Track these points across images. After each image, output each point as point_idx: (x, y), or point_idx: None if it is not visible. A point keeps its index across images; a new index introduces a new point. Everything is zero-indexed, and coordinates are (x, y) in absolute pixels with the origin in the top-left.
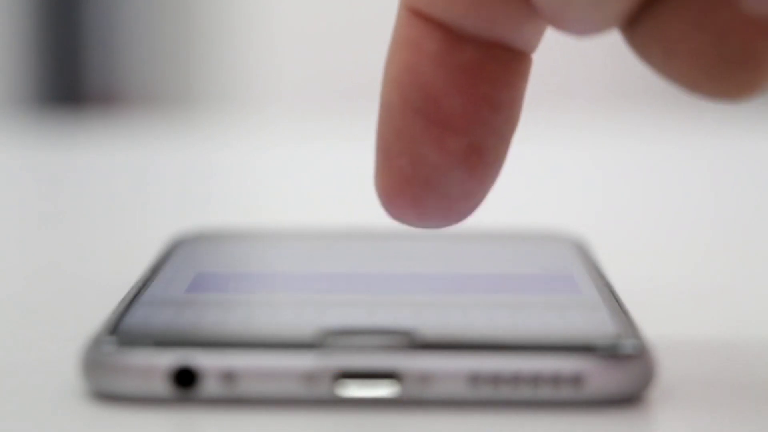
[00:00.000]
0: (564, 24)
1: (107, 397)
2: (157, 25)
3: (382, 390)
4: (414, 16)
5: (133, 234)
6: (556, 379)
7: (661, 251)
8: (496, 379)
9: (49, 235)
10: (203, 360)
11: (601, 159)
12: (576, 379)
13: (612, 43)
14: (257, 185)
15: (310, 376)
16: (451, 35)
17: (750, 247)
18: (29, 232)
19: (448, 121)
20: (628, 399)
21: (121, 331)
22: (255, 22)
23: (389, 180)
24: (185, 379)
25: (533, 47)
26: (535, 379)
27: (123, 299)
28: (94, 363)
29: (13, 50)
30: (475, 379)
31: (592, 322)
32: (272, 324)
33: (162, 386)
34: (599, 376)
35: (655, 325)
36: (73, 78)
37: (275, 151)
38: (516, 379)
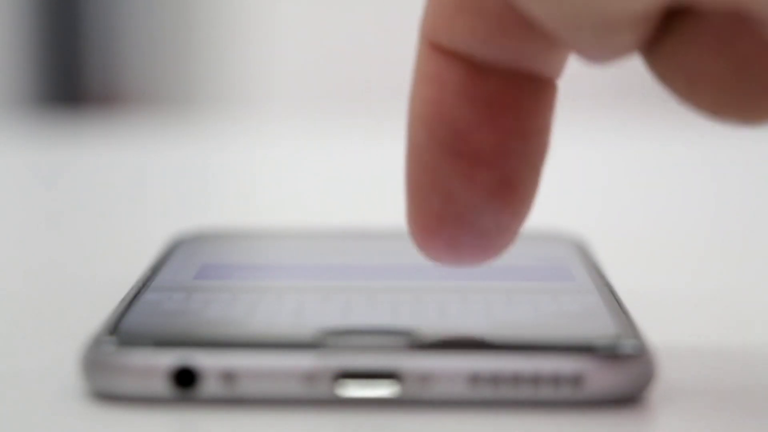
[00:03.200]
0: (581, 51)
1: (107, 397)
2: (157, 25)
3: (382, 390)
4: (434, 50)
5: (133, 234)
6: (556, 379)
7: (661, 251)
8: (496, 379)
9: (49, 235)
10: (203, 360)
11: (602, 159)
12: (576, 379)
13: None
14: (257, 185)
15: (310, 376)
16: (473, 67)
17: (751, 247)
18: (29, 232)
19: (478, 155)
20: (628, 399)
21: (121, 331)
22: (255, 22)
23: (422, 220)
24: (185, 379)
25: (558, 73)
26: (535, 379)
27: (123, 299)
28: (94, 363)
29: (13, 50)
30: (475, 379)
31: (592, 322)
32: (272, 324)
33: (162, 386)
34: (599, 376)
35: (655, 325)
36: (73, 78)
37: (275, 151)
38: (516, 379)
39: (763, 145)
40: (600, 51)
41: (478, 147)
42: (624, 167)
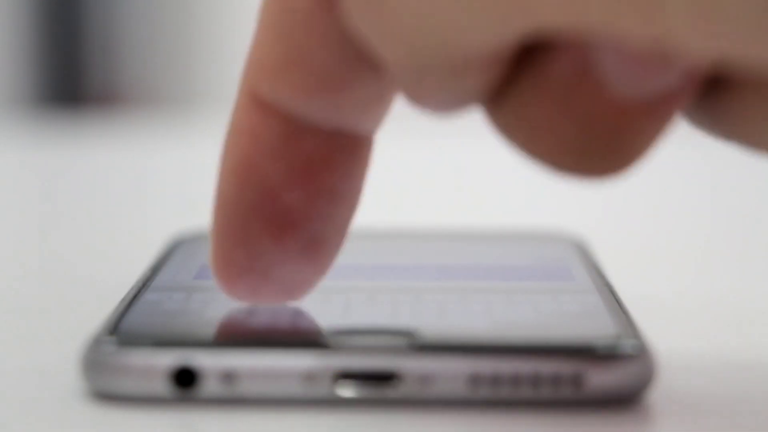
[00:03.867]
0: (419, 102)
1: (107, 397)
2: (157, 25)
3: (382, 390)
4: (254, 102)
5: (132, 234)
6: (556, 379)
7: (661, 252)
8: (496, 380)
9: (48, 235)
10: (203, 360)
11: None
12: (576, 379)
13: None
14: None
15: (310, 376)
16: (291, 125)
17: (751, 248)
18: (29, 232)
19: (286, 217)
20: (628, 399)
21: (121, 331)
22: (254, 22)
23: (224, 268)
24: (185, 379)
25: (376, 130)
26: (535, 380)
27: (123, 299)
28: (94, 363)
29: (13, 50)
30: (475, 379)
31: (591, 322)
32: (272, 324)
33: (162, 386)
34: (599, 376)
35: (655, 325)
36: (73, 78)
37: None
38: (516, 380)
39: None
40: (440, 99)
41: (287, 208)
42: None
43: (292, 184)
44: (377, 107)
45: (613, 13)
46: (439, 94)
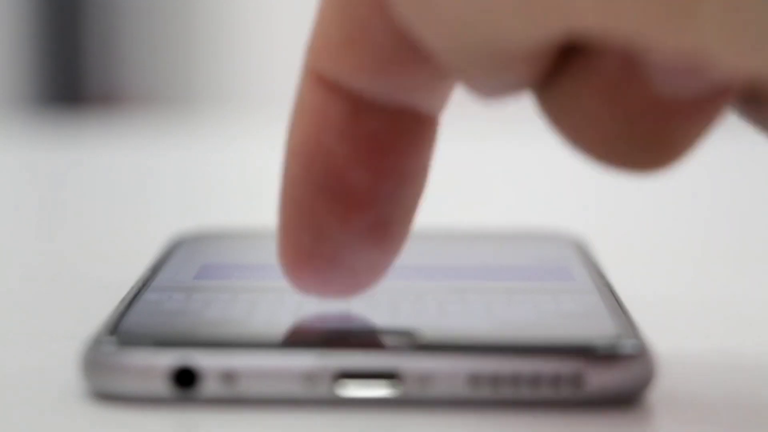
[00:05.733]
0: (472, 87)
1: (107, 397)
2: (157, 25)
3: (382, 390)
4: (318, 82)
5: (133, 234)
6: (556, 379)
7: (661, 252)
8: (496, 379)
9: (49, 235)
10: (203, 360)
11: None
12: (576, 379)
13: None
14: (257, 185)
15: (310, 376)
16: (356, 104)
17: (751, 248)
18: (29, 232)
19: (354, 197)
20: (628, 399)
21: (121, 331)
22: (255, 22)
23: (292, 254)
24: (185, 379)
25: (441, 110)
26: (535, 379)
27: (123, 299)
28: (94, 363)
29: (13, 50)
30: (475, 379)
31: (591, 322)
32: (272, 324)
33: (162, 386)
34: (599, 376)
35: (655, 325)
36: (73, 78)
37: (275, 150)
38: (516, 379)
39: (765, 146)
40: (491, 87)
41: (354, 188)
42: None
43: (358, 164)
44: (440, 88)
45: (645, 25)
46: (486, 83)
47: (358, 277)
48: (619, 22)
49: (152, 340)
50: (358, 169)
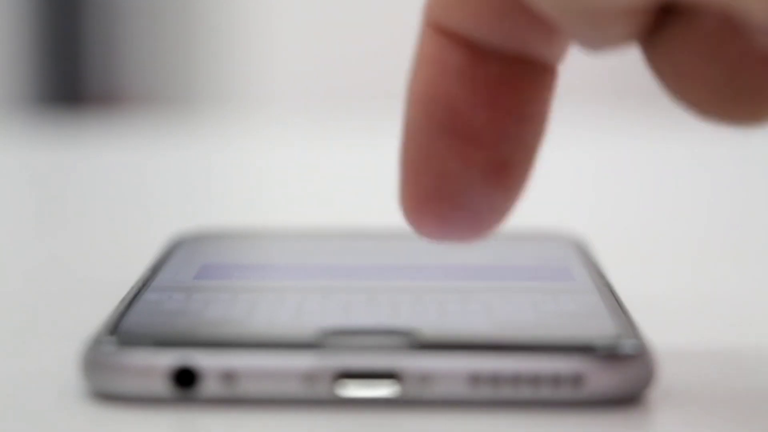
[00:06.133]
0: (579, 40)
1: (107, 397)
2: (157, 25)
3: (382, 390)
4: (436, 32)
5: (133, 234)
6: (556, 379)
7: (661, 251)
8: (496, 379)
9: (48, 235)
10: (203, 360)
11: (602, 159)
12: (576, 379)
13: None
14: (257, 185)
15: (310, 376)
16: (474, 50)
17: (751, 247)
18: (29, 232)
19: (474, 136)
20: (628, 399)
21: (121, 331)
22: (255, 22)
23: (414, 196)
24: (185, 379)
25: (559, 59)
26: (535, 379)
27: (123, 299)
28: (94, 363)
29: (13, 50)
30: (475, 379)
31: (591, 322)
32: (272, 324)
33: (162, 386)
34: (599, 376)
35: (655, 325)
36: (73, 78)
37: (275, 150)
38: (516, 379)
39: (765, 145)
40: (596, 40)
41: (475, 127)
42: (623, 167)
43: (478, 105)
44: (554, 39)
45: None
46: (592, 36)
47: (479, 219)
48: None
49: (152, 340)
50: (478, 110)
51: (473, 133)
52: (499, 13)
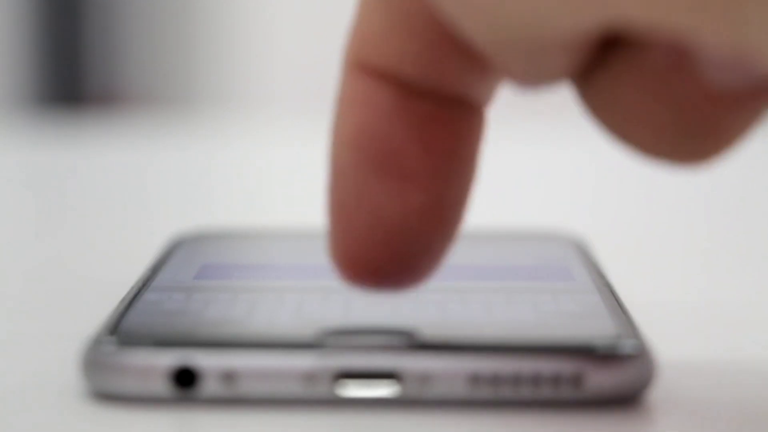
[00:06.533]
0: (512, 75)
1: (107, 397)
2: (157, 25)
3: (382, 390)
4: (362, 72)
5: (133, 234)
6: (556, 379)
7: (661, 252)
8: (496, 379)
9: (48, 235)
10: (203, 360)
11: (602, 159)
12: (576, 379)
13: None
14: (257, 185)
15: (310, 376)
16: (404, 89)
17: (751, 249)
18: (29, 232)
19: (409, 175)
20: (628, 399)
21: (121, 331)
22: (255, 22)
23: (345, 244)
24: (185, 379)
25: (487, 102)
26: (535, 379)
27: (123, 299)
28: (94, 363)
29: (13, 50)
30: (475, 379)
31: (591, 322)
32: (272, 324)
33: (162, 386)
34: (599, 376)
35: (655, 325)
36: (73, 78)
37: (275, 150)
38: (516, 379)
39: (765, 146)
40: (530, 76)
41: (409, 166)
42: (623, 167)
43: (412, 144)
44: (485, 78)
45: (692, 20)
46: (526, 73)
47: (413, 266)
48: (665, 18)
49: (152, 340)
50: (411, 149)
51: (407, 172)
52: (427, 52)
